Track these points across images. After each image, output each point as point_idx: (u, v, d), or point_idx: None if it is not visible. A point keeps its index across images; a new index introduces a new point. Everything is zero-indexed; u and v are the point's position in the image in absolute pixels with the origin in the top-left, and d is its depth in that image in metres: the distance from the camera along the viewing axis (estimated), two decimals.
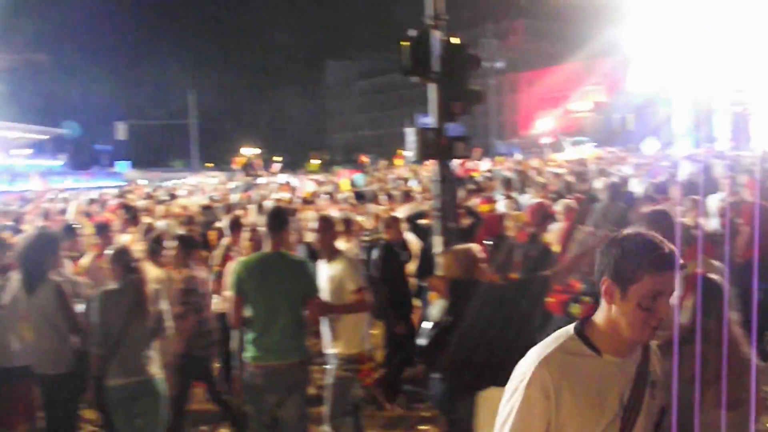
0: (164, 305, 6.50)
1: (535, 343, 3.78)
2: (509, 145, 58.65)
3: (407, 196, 13.37)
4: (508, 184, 15.39)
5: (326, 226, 7.01)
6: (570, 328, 2.71)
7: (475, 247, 5.99)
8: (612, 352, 2.62)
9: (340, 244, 9.22)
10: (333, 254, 6.94)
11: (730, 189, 11.32)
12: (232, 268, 6.39)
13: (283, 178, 29.15)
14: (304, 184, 25.23)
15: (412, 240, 10.48)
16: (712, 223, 10.36)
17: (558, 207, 9.15)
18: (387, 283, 8.81)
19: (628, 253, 2.56)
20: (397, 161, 43.92)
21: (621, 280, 2.58)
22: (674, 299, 3.46)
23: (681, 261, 2.57)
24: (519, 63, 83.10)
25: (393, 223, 9.51)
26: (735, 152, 28.14)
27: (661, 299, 2.56)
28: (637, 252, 2.55)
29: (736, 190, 11.12)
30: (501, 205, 12.25)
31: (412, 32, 9.26)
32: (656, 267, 2.53)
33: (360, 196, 17.03)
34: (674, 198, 11.27)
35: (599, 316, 2.69)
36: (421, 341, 6.02)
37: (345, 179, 25.72)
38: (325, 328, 6.85)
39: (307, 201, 16.09)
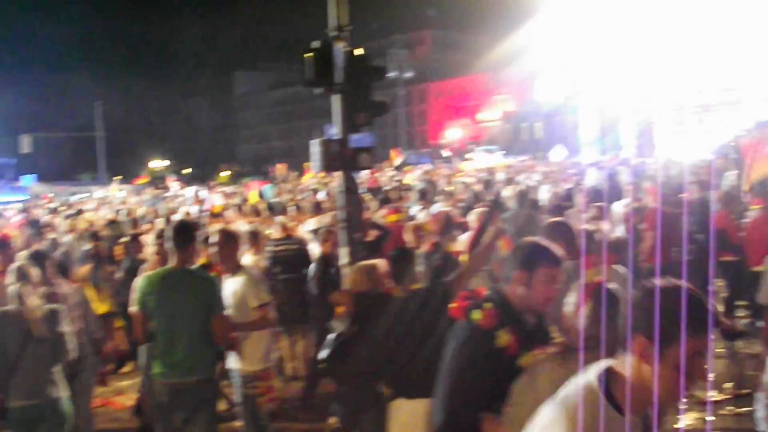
0: (67, 326, 6.20)
1: (440, 353, 3.78)
2: (419, 155, 59.00)
3: (317, 208, 13.28)
4: (423, 194, 15.43)
5: (227, 240, 6.91)
6: (596, 386, 2.44)
7: (380, 262, 5.97)
8: (634, 411, 2.41)
9: (246, 257, 9.20)
10: (235, 269, 6.84)
11: (634, 196, 11.53)
12: (137, 284, 6.23)
13: (192, 190, 28.68)
14: (213, 197, 24.93)
15: (317, 251, 10.43)
16: (617, 230, 10.58)
17: (470, 216, 9.16)
18: (325, 297, 8.72)
19: (667, 311, 2.30)
20: (307, 173, 43.66)
21: (660, 340, 2.33)
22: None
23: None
24: (428, 73, 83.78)
25: (329, 236, 9.44)
26: (639, 160, 28.81)
27: (700, 360, 2.35)
28: (677, 311, 2.27)
29: (640, 197, 11.33)
30: (418, 216, 12.22)
31: (316, 44, 9.19)
32: (699, 329, 2.31)
33: (269, 208, 16.90)
34: (580, 205, 11.45)
35: (627, 373, 2.43)
36: (324, 353, 5.98)
37: (254, 191, 25.37)
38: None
39: (216, 214, 15.87)
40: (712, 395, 7.46)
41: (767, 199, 10.28)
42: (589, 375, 2.52)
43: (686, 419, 7.02)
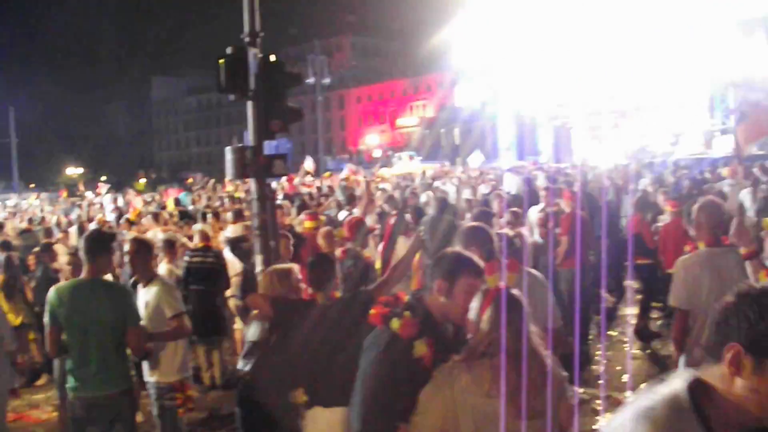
0: None
1: (358, 361, 3.73)
2: (338, 161, 59.11)
3: (238, 215, 13.13)
4: (351, 199, 15.46)
5: (141, 248, 6.76)
6: (684, 396, 2.13)
7: (295, 266, 5.92)
8: (722, 429, 2.10)
9: (161, 266, 9.02)
10: (149, 278, 6.70)
11: (551, 200, 11.67)
12: (48, 296, 6.06)
13: (109, 198, 28.18)
14: (130, 204, 24.51)
15: (231, 260, 10.32)
16: (533, 234, 10.69)
17: (386, 222, 9.19)
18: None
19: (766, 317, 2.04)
20: (227, 180, 43.16)
21: (758, 350, 2.04)
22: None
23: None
24: (347, 79, 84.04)
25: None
26: (556, 165, 29.42)
27: None
28: None
29: (556, 202, 11.49)
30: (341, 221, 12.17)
31: (229, 50, 9.09)
32: None
33: (186, 215, 16.77)
34: (497, 210, 11.54)
35: (719, 386, 2.14)
36: (242, 363, 5.89)
37: (171, 198, 25.04)
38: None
39: (132, 222, 15.62)
40: (629, 396, 7.49)
41: (680, 203, 10.53)
42: (676, 384, 2.23)
43: (603, 419, 7.05)
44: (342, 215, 13.53)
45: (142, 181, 76.27)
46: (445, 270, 3.69)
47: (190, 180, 42.21)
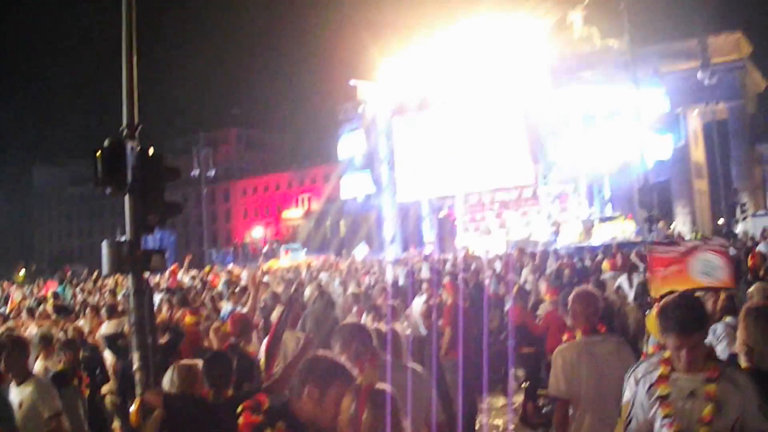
0: None
1: None
2: (223, 254, 58.50)
3: (112, 311, 12.66)
4: (243, 292, 15.11)
5: (15, 346, 6.42)
6: None
7: (199, 363, 5.77)
8: None
9: (37, 363, 8.53)
10: (23, 377, 6.34)
11: (434, 291, 11.75)
12: None
13: None
14: (7, 297, 23.83)
15: (109, 358, 10.04)
16: (417, 325, 10.69)
17: (274, 315, 9.05)
18: None
19: None
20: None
21: None
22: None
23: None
24: (233, 171, 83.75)
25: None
26: (441, 255, 29.76)
27: None
28: None
29: (438, 293, 11.51)
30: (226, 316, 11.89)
31: (107, 142, 8.90)
32: None
33: (63, 310, 16.09)
34: (379, 302, 11.51)
35: None
36: None
37: (49, 291, 24.06)
38: None
39: (6, 316, 14.95)
40: None
41: (560, 291, 10.71)
42: None
43: None
44: (225, 309, 13.24)
45: (22, 272, 73.74)
46: (317, 377, 3.59)
47: (69, 272, 40.72)
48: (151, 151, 9.18)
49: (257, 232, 59.56)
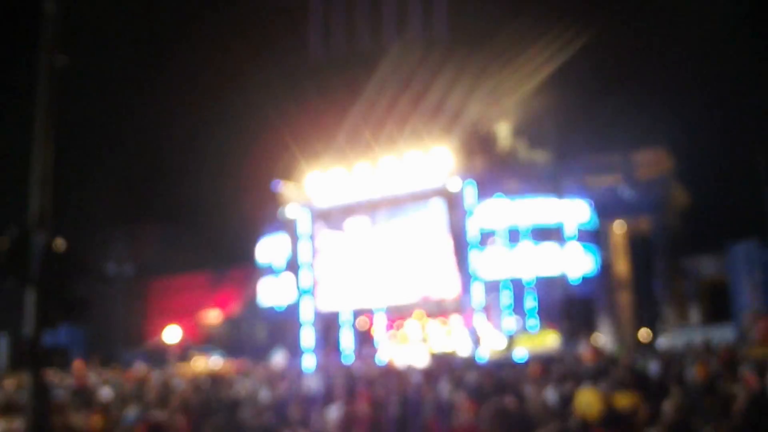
0: None
1: None
2: (135, 354, 56.84)
3: (8, 408, 12.08)
4: (153, 395, 14.60)
5: None
6: None
7: None
8: None
9: None
10: None
11: (350, 400, 11.59)
12: None
13: None
14: None
15: None
16: None
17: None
18: None
19: None
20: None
21: None
22: None
23: None
24: (150, 269, 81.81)
25: None
26: (356, 364, 29.52)
27: None
28: None
29: (355, 403, 11.32)
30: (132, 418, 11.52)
31: (12, 232, 8.61)
32: None
33: None
34: (294, 413, 11.30)
35: None
36: None
37: None
38: None
39: None
40: None
41: (479, 404, 10.59)
42: None
43: None
44: (132, 413, 12.80)
45: None
46: None
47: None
48: (60, 243, 8.89)
49: (172, 333, 58.01)
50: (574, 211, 43.19)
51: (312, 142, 45.01)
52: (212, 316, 67.05)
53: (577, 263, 42.76)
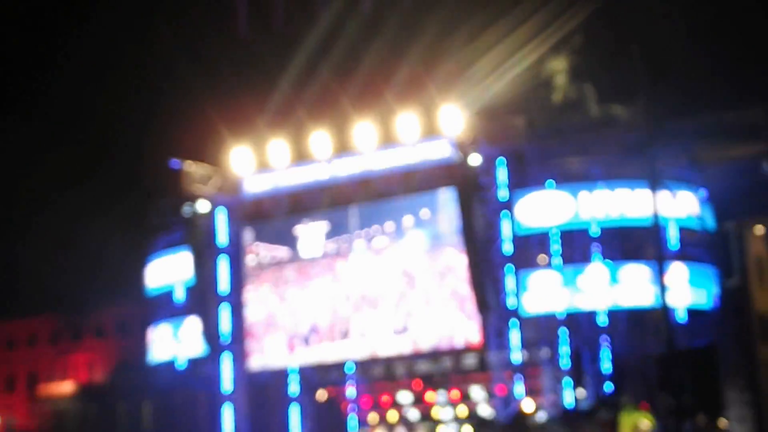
0: None
1: None
2: None
3: None
4: None
5: None
6: None
7: None
8: None
9: None
10: None
11: None
12: None
13: None
14: None
15: None
16: None
17: None
18: None
19: None
20: None
21: None
22: None
23: None
24: None
25: None
26: None
27: None
28: None
29: None
30: None
31: None
32: None
33: None
34: None
35: None
36: None
37: None
38: None
39: None
40: None
41: None
42: None
43: None
44: None
45: None
46: None
47: None
48: None
49: None
50: (679, 206, 40.04)
51: (244, 105, 45.03)
52: (62, 388, 62.56)
53: (682, 291, 39.63)
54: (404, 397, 41.95)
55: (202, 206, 45.10)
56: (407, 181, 40.50)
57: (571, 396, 39.17)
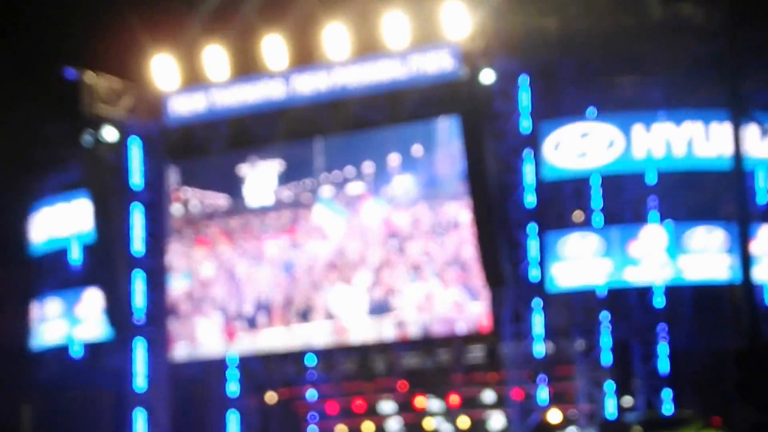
0: None
1: None
2: None
3: None
4: None
5: None
6: None
7: None
8: None
9: None
10: None
11: None
12: None
13: None
14: None
15: None
16: None
17: None
18: None
19: None
20: None
21: None
22: None
23: None
24: None
25: None
26: None
27: None
28: None
29: None
30: None
31: None
32: None
33: None
34: None
35: None
36: None
37: None
38: None
39: None
40: None
41: None
42: None
43: None
44: None
45: None
46: None
47: None
48: None
49: None
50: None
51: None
52: None
53: None
54: (385, 402, 40.12)
55: (109, 134, 42.10)
56: (393, 104, 38.71)
57: (613, 405, 37.33)
